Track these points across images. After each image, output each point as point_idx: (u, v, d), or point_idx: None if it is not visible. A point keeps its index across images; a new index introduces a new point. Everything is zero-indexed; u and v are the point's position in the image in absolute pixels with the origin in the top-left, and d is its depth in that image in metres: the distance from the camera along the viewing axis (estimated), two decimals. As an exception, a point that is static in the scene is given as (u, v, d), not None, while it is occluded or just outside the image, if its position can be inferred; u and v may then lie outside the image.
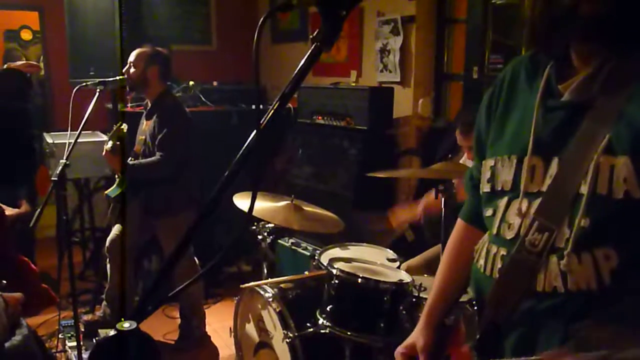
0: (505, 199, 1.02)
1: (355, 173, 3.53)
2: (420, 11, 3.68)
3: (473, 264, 1.12)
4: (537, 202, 0.96)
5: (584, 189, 0.88)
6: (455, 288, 1.27)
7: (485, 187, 1.07)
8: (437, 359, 1.20)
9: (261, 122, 0.70)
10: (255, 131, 0.70)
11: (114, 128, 2.87)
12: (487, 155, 1.09)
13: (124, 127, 2.86)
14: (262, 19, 0.68)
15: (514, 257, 0.96)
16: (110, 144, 2.85)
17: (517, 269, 0.96)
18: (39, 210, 2.28)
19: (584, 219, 0.88)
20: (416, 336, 1.26)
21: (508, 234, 1.00)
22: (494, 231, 1.03)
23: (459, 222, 1.30)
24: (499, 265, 1.01)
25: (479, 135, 1.16)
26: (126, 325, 0.63)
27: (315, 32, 0.71)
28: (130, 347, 0.64)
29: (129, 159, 3.05)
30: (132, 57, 3.03)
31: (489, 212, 1.07)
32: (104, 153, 2.90)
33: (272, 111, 0.70)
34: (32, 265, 1.63)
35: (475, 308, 1.05)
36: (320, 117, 3.89)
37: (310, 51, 0.71)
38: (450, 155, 2.75)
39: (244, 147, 0.70)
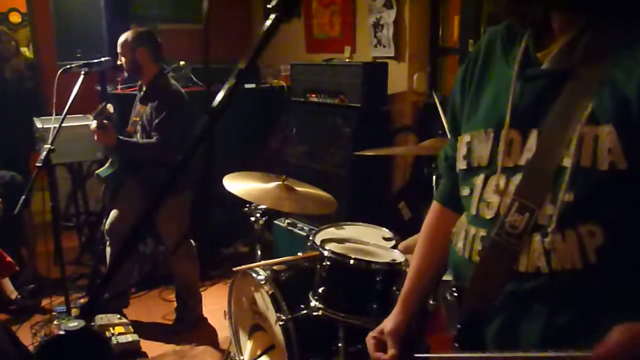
0: (482, 176, 0.96)
1: (349, 151, 3.48)
2: (414, -17, 3.59)
3: (451, 246, 1.07)
4: (515, 178, 0.91)
5: (567, 162, 0.83)
6: (432, 273, 1.22)
7: (461, 164, 1.02)
8: (415, 347, 1.16)
9: (214, 102, 0.64)
10: (208, 112, 0.64)
11: (99, 107, 2.83)
12: (463, 131, 1.03)
13: (110, 107, 2.82)
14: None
15: (494, 240, 0.91)
16: (94, 123, 2.82)
17: (497, 253, 0.91)
18: (23, 197, 2.24)
19: (568, 193, 0.83)
20: (387, 320, 1.21)
21: (487, 214, 0.94)
22: (473, 211, 0.98)
23: (434, 205, 1.24)
24: (479, 247, 0.96)
25: (454, 111, 1.10)
26: (73, 324, 0.59)
27: (273, 2, 0.65)
28: (80, 346, 0.59)
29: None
30: (119, 48, 2.98)
31: (465, 191, 1.01)
32: (92, 133, 2.86)
33: (229, 88, 0.64)
34: None
35: (456, 295, 1.00)
36: (313, 95, 3.81)
37: (269, 22, 0.66)
38: (440, 132, 2.69)
39: (200, 128, 0.65)
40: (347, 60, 4.03)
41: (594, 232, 0.82)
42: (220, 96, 0.64)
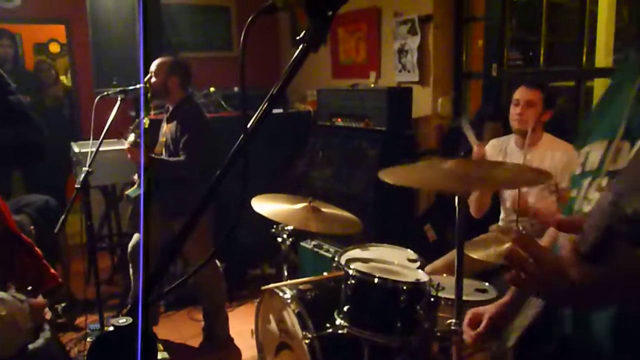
0: (589, 178, 1.07)
1: (375, 174, 3.52)
2: (438, 10, 3.67)
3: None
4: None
5: None
6: None
7: (577, 170, 1.13)
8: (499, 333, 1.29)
9: (248, 125, 0.71)
10: (243, 135, 0.71)
11: (136, 121, 2.94)
12: (586, 143, 1.15)
13: (146, 120, 2.93)
14: (248, 20, 0.69)
15: None
16: (132, 136, 2.92)
17: None
18: (62, 217, 2.34)
19: None
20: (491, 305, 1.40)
21: (586, 209, 1.04)
22: (576, 208, 1.08)
23: None
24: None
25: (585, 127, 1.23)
26: (122, 320, 0.65)
27: (302, 33, 0.72)
28: (128, 342, 0.66)
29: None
30: (153, 67, 3.10)
31: (574, 193, 1.12)
32: (126, 148, 2.96)
33: (261, 113, 0.71)
34: (36, 248, 1.72)
35: None
36: (339, 119, 3.90)
37: (297, 52, 0.73)
38: (462, 153, 2.72)
39: (233, 149, 0.72)
40: (372, 85, 4.11)
41: None
42: (253, 119, 0.71)
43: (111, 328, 0.67)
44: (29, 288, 1.66)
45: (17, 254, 1.62)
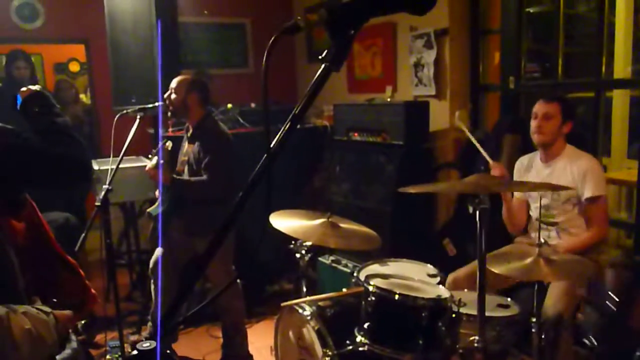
0: None
1: (392, 188, 3.51)
2: (453, 23, 3.67)
3: None
4: None
5: None
6: None
7: None
8: None
9: (272, 145, 0.71)
10: (266, 154, 0.70)
11: (159, 145, 2.97)
12: None
13: (169, 144, 2.96)
14: (271, 41, 0.69)
15: None
16: (155, 160, 2.95)
17: None
18: (83, 234, 2.36)
19: None
20: None
21: None
22: None
23: None
24: None
25: None
26: (146, 345, 0.65)
27: (325, 53, 0.72)
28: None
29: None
30: (173, 84, 3.14)
31: None
32: (147, 170, 2.99)
33: (284, 133, 0.71)
34: (79, 269, 1.73)
35: None
36: (356, 134, 3.89)
37: (320, 72, 0.72)
38: (482, 168, 2.70)
39: (257, 169, 0.71)
40: (389, 99, 4.11)
41: None
42: (277, 139, 0.71)
43: (135, 352, 0.67)
44: (54, 300, 1.67)
45: (62, 275, 1.64)
